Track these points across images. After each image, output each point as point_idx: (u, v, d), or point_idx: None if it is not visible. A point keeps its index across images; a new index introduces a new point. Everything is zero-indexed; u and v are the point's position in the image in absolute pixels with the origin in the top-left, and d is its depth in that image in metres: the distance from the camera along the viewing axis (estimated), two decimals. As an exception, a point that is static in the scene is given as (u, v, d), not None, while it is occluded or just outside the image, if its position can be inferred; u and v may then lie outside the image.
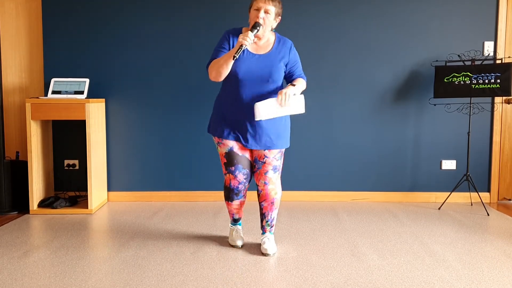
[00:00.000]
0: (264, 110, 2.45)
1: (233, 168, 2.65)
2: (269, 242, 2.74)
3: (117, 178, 4.05)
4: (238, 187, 2.69)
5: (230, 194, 2.73)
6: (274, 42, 2.65)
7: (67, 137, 4.02)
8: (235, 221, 2.92)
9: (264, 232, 2.79)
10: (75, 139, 4.01)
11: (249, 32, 2.44)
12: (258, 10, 2.52)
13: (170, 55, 3.96)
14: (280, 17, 2.64)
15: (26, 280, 2.31)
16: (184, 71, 3.96)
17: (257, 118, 2.48)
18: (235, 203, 2.77)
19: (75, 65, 3.95)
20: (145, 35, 3.94)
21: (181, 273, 2.40)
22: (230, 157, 2.64)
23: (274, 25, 2.63)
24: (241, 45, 2.41)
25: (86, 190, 3.77)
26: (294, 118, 3.96)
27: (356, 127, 4.01)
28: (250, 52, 2.58)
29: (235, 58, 2.42)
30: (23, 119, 4.04)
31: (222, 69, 2.49)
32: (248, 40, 2.41)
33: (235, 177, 2.66)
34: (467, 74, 3.68)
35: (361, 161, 4.04)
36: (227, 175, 2.69)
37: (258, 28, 2.48)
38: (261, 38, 2.61)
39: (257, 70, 2.55)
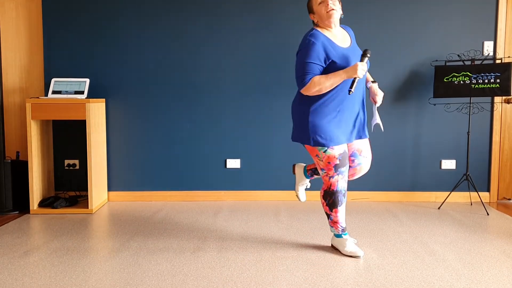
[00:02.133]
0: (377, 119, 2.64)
1: (344, 168, 2.56)
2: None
3: (117, 178, 4.05)
4: (345, 188, 2.61)
5: (338, 197, 2.59)
6: (346, 33, 2.59)
7: (67, 137, 4.03)
8: (343, 230, 2.71)
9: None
10: (75, 139, 4.02)
11: (364, 63, 2.36)
12: (324, 2, 2.43)
13: (170, 55, 3.96)
14: (341, 4, 2.55)
15: (26, 279, 2.31)
16: (184, 71, 3.96)
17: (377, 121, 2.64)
18: (344, 206, 2.64)
19: (75, 65, 3.96)
20: (145, 35, 3.95)
21: (181, 273, 2.40)
22: (344, 157, 2.54)
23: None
24: (356, 78, 2.34)
25: (86, 190, 3.78)
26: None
27: (356, 127, 4.01)
28: (339, 46, 2.47)
29: (351, 92, 2.37)
30: (23, 119, 4.05)
31: (326, 90, 2.42)
32: (363, 72, 2.34)
33: (344, 177, 2.58)
34: (467, 74, 3.68)
35: (361, 161, 4.04)
36: (336, 177, 2.56)
37: (368, 55, 2.40)
38: (333, 29, 2.51)
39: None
